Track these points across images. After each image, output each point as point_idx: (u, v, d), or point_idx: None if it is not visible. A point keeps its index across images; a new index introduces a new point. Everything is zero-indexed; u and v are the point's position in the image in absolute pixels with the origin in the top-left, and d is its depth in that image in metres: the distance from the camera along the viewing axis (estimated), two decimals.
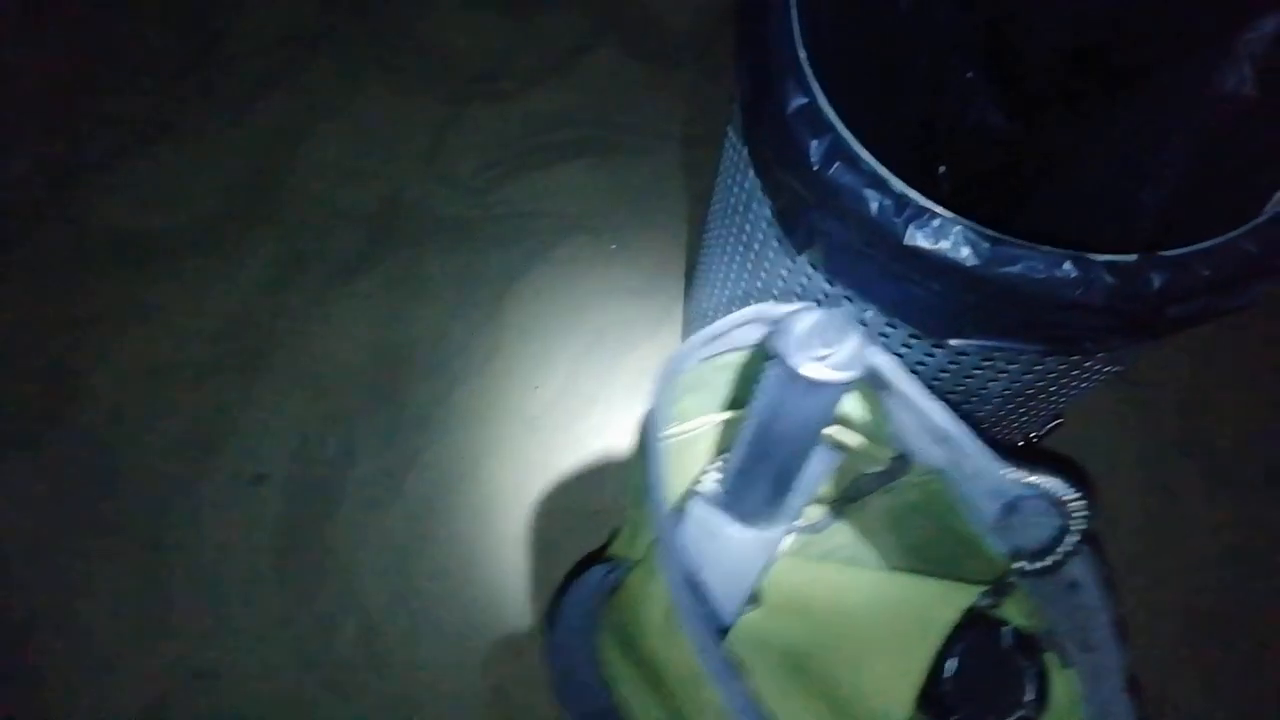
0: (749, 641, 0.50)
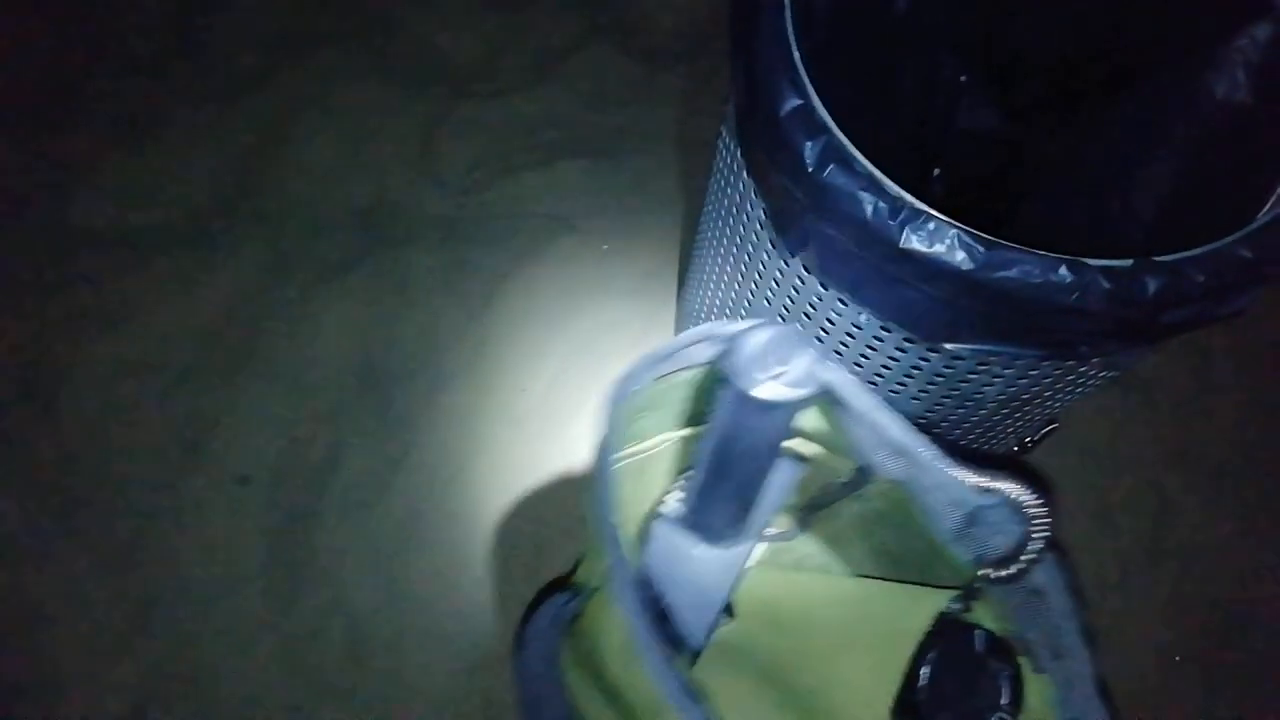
0: (724, 654, 0.49)
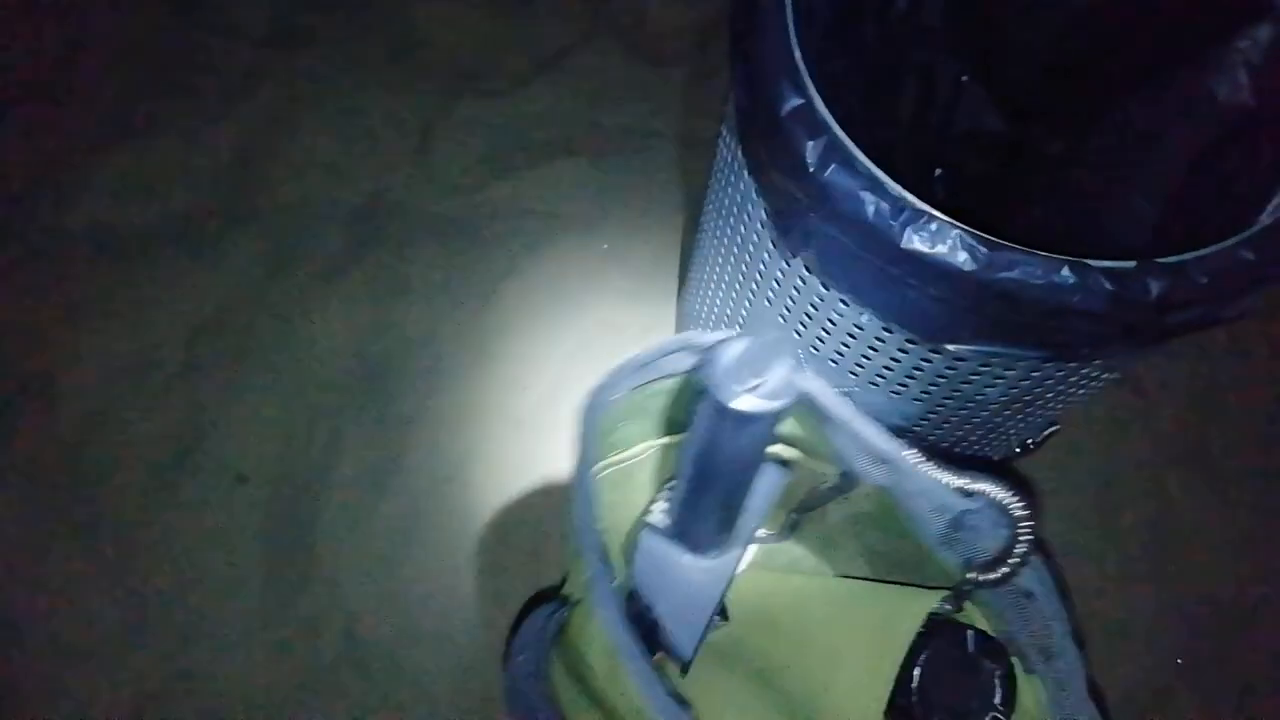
0: (719, 657, 0.49)
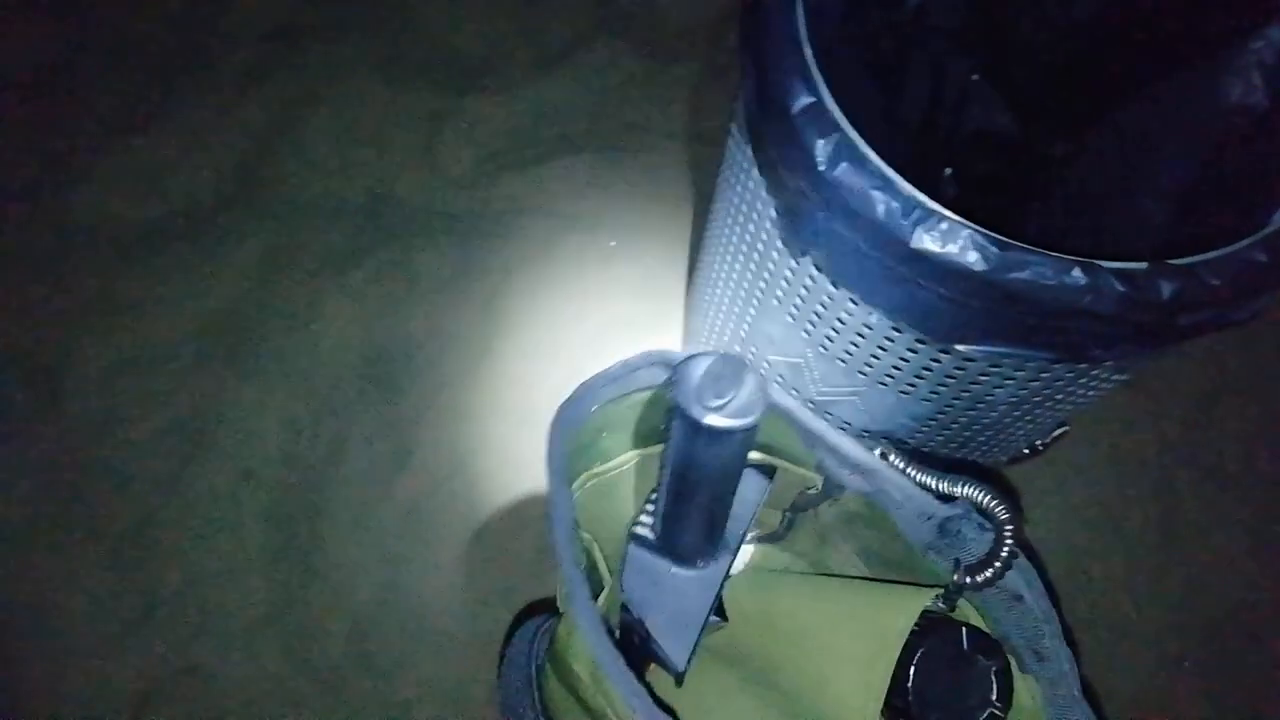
0: (716, 657, 0.49)
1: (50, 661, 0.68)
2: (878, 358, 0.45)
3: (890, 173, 0.36)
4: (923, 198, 0.36)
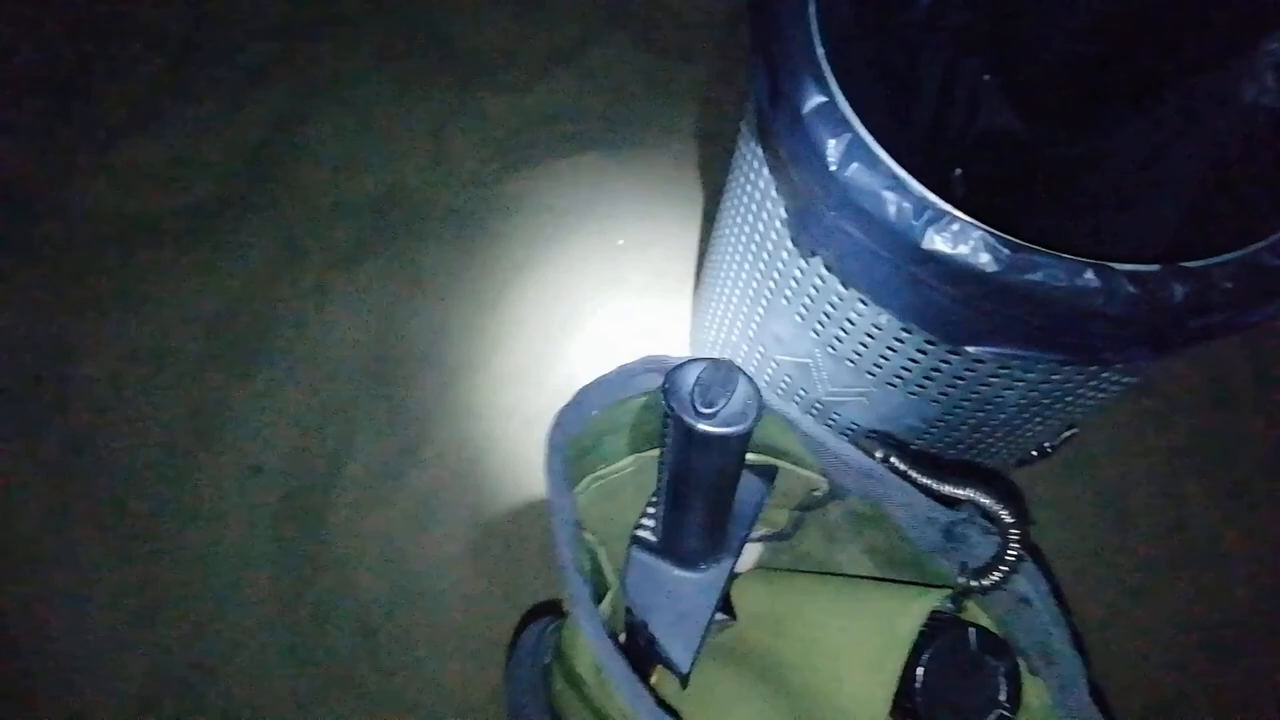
0: (724, 656, 0.49)
1: (57, 658, 0.69)
2: (887, 358, 0.45)
3: (902, 173, 0.36)
4: (934, 198, 0.36)
